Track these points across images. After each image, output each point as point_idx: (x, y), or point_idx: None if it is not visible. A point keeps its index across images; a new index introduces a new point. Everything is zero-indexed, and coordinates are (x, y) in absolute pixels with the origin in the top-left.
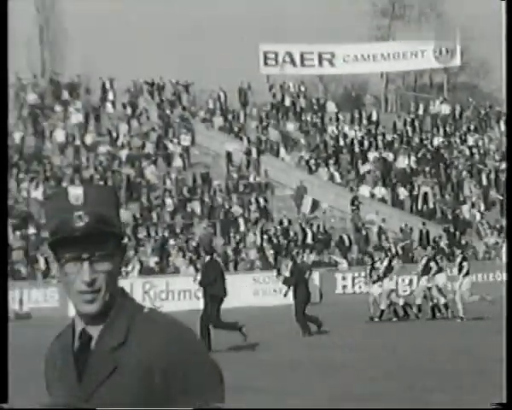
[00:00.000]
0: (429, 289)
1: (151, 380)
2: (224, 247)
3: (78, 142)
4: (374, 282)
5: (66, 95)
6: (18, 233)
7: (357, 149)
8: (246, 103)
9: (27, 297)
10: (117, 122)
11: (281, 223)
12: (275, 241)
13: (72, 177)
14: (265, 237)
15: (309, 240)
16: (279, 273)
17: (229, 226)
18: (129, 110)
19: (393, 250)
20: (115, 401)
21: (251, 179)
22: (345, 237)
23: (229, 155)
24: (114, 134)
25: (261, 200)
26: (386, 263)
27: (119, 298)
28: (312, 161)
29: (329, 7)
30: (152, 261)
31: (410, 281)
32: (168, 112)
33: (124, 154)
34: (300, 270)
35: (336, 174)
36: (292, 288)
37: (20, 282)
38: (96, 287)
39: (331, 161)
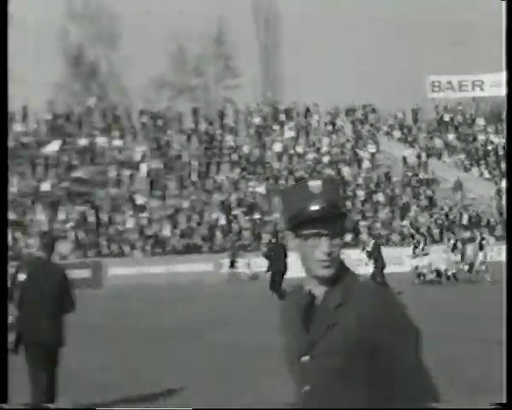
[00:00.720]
0: None
1: (363, 335)
2: (400, 227)
3: (291, 151)
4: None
5: (283, 117)
6: (247, 218)
7: (500, 152)
8: (417, 120)
9: (254, 263)
10: (321, 136)
11: (443, 209)
12: (439, 222)
13: (286, 177)
14: (432, 219)
15: (465, 221)
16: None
17: (405, 211)
18: (329, 127)
19: None
20: (331, 351)
21: (421, 176)
22: (491, 219)
23: (404, 158)
24: (318, 145)
25: (429, 192)
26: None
27: (341, 267)
28: (467, 162)
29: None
30: (348, 238)
31: None
32: (359, 128)
33: (326, 159)
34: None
35: (485, 172)
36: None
37: (248, 252)
38: (332, 256)
39: (481, 162)
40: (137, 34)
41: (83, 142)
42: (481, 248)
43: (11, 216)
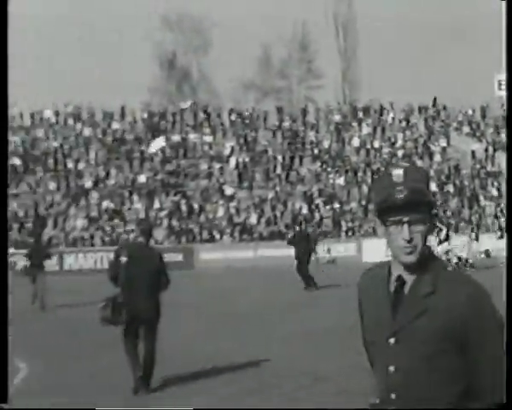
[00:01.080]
0: None
1: (453, 325)
2: (469, 214)
3: (368, 146)
4: None
5: (360, 114)
6: (327, 207)
7: None
8: (484, 116)
9: (333, 248)
10: (395, 132)
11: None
12: (505, 211)
13: (364, 170)
14: (498, 208)
15: None
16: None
17: (473, 201)
18: (404, 123)
19: None
20: (419, 336)
21: (488, 168)
22: None
23: (473, 152)
24: (393, 140)
25: (495, 183)
26: None
27: (428, 255)
28: None
29: None
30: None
31: None
32: (431, 124)
33: (400, 153)
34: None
35: None
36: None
37: (328, 239)
38: (413, 243)
39: None
40: (227, 40)
41: (176, 138)
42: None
43: (110, 205)
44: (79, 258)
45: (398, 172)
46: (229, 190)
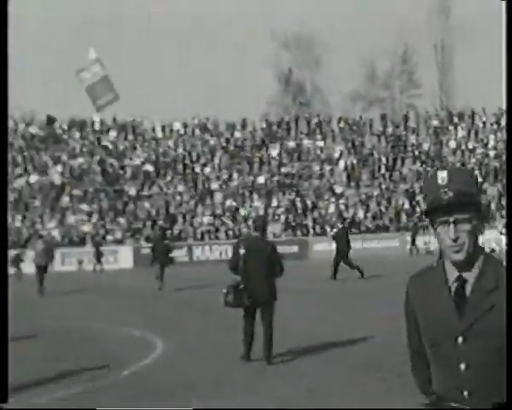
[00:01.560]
0: None
1: None
2: None
3: (463, 147)
4: None
5: (456, 119)
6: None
7: None
8: None
9: (432, 241)
10: (488, 134)
11: None
12: None
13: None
14: None
15: None
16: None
17: None
18: (495, 126)
19: None
20: (489, 332)
21: None
22: None
23: None
24: (485, 141)
25: None
26: None
27: (481, 252)
28: None
29: None
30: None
31: None
32: None
33: (492, 153)
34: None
35: None
36: None
37: (427, 232)
38: (459, 242)
39: None
40: (336, 57)
41: (291, 144)
42: None
43: (232, 204)
44: (206, 250)
45: (442, 175)
46: (338, 189)
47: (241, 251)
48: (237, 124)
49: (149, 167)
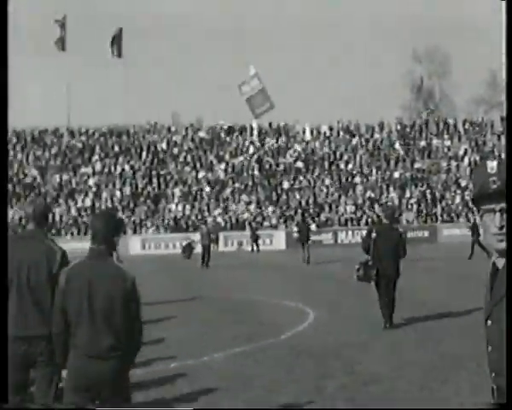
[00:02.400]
0: None
1: None
2: None
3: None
4: None
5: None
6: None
7: None
8: None
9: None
10: None
11: None
12: None
13: None
14: None
15: None
16: None
17: None
18: None
19: None
20: (502, 317)
21: None
22: None
23: None
24: None
25: None
26: None
27: None
28: None
29: None
30: None
31: None
32: None
33: None
34: None
35: None
36: None
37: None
38: (504, 230)
39: None
40: (461, 67)
41: (422, 143)
42: None
43: (371, 195)
44: (349, 234)
45: (492, 164)
46: (463, 182)
47: (373, 235)
48: (376, 126)
49: (300, 164)
